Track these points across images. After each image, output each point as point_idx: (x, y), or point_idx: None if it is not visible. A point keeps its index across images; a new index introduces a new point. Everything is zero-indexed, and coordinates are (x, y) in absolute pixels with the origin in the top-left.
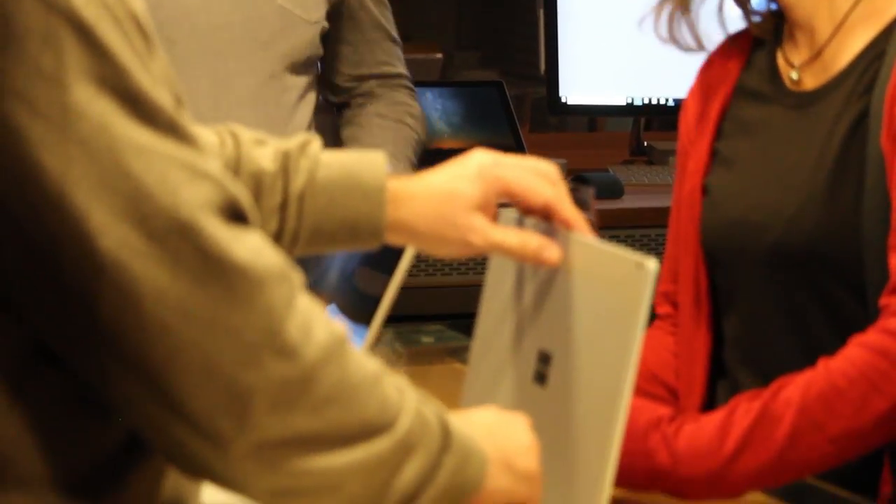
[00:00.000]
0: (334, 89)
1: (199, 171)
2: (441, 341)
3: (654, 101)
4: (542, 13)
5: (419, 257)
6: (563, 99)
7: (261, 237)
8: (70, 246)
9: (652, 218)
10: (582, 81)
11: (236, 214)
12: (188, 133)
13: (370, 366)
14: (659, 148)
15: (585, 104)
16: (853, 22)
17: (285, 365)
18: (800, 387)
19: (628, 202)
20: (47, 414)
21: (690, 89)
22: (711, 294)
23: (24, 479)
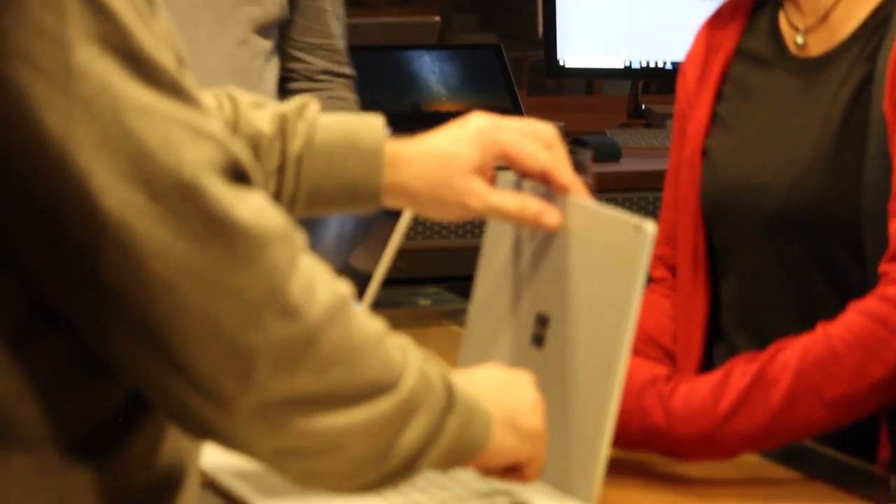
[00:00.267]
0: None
1: (202, 132)
2: (439, 304)
3: (652, 64)
4: None
5: (417, 220)
6: (561, 62)
7: (263, 197)
8: (73, 206)
9: (650, 181)
10: (580, 44)
11: (238, 175)
12: (190, 93)
13: (373, 326)
14: (657, 111)
15: (583, 67)
16: None
17: (288, 325)
18: (797, 351)
19: (626, 165)
20: (49, 374)
21: (689, 51)
22: (710, 257)
23: (26, 439)
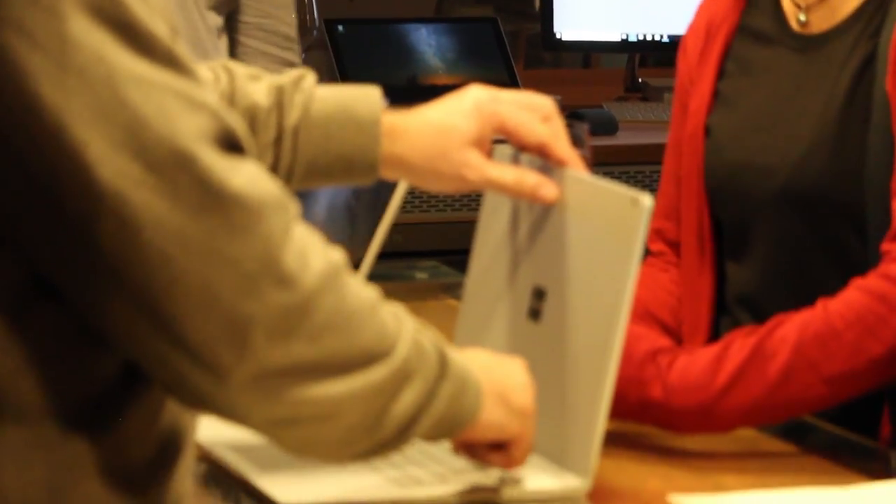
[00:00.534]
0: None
1: (196, 102)
2: (435, 277)
3: (649, 38)
4: None
5: (413, 193)
6: (558, 35)
7: (256, 166)
8: (69, 176)
9: (646, 154)
10: (577, 18)
11: (232, 144)
12: (185, 64)
13: (368, 293)
14: (653, 84)
15: (580, 40)
16: None
17: (284, 293)
18: (796, 325)
19: (623, 139)
20: (45, 347)
21: (690, 26)
22: (715, 234)
23: (22, 412)
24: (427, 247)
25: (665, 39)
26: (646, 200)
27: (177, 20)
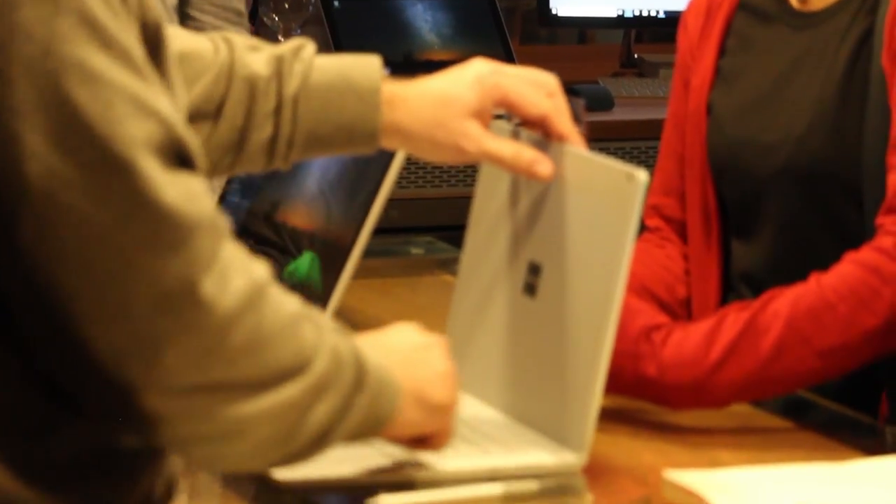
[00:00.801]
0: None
1: (148, 108)
2: (431, 253)
3: (645, 14)
4: None
5: (408, 168)
6: (554, 11)
7: (200, 183)
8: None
9: (642, 130)
10: None
11: (180, 157)
12: (143, 67)
13: (289, 308)
14: (649, 60)
15: (576, 16)
16: None
17: (200, 316)
18: (789, 299)
19: (619, 114)
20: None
21: (690, 3)
22: (721, 212)
23: None
24: (422, 222)
25: (661, 15)
26: (641, 176)
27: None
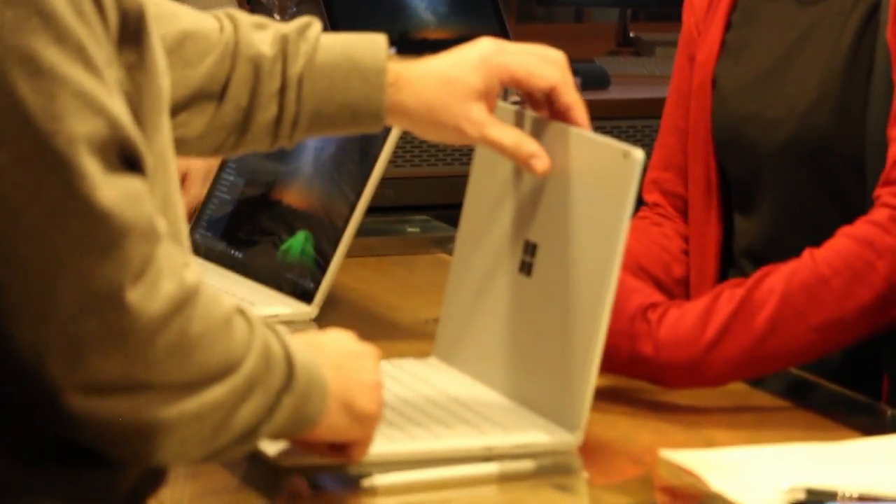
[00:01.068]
0: None
1: (95, 105)
2: (427, 232)
3: None
4: None
5: (403, 147)
6: None
7: (142, 187)
8: None
9: (638, 109)
10: None
11: (126, 159)
12: (98, 64)
13: (220, 311)
14: (645, 39)
15: None
16: None
17: (127, 319)
18: (784, 275)
19: (614, 93)
20: None
21: None
22: (722, 187)
23: None
24: (418, 201)
25: None
26: (638, 154)
27: None
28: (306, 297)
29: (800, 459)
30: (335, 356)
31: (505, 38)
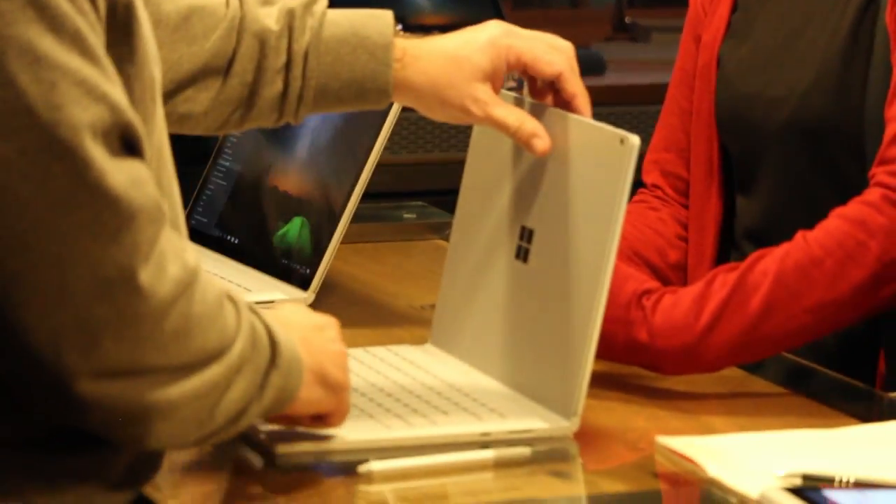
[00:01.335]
0: None
1: (96, 92)
2: (423, 218)
3: None
4: None
5: (400, 133)
6: None
7: (145, 171)
8: None
9: (634, 95)
10: None
11: (127, 143)
12: (94, 50)
13: (214, 292)
14: (642, 24)
15: None
16: None
17: (138, 303)
18: (777, 257)
19: (611, 79)
20: None
21: None
22: (724, 167)
23: None
24: (415, 187)
25: None
26: (634, 140)
27: None
28: (302, 284)
29: (796, 446)
30: (301, 330)
31: None
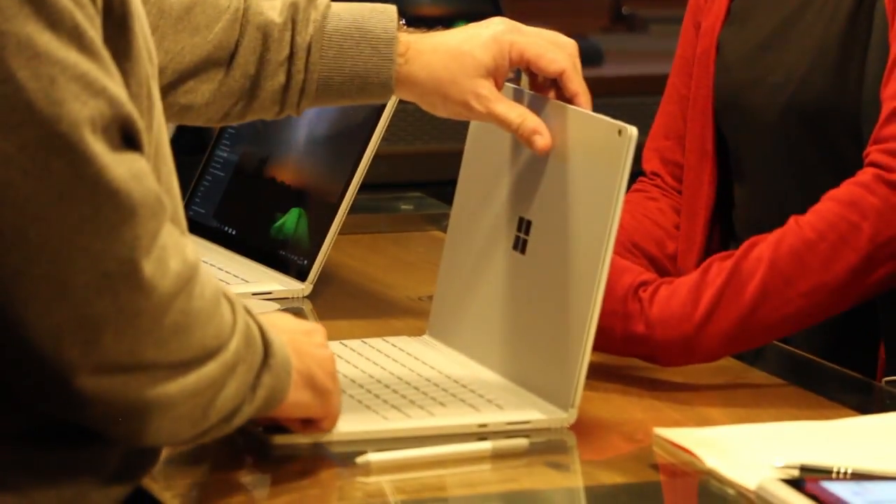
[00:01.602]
0: None
1: (96, 86)
2: (421, 209)
3: None
4: None
5: (397, 124)
6: None
7: (145, 164)
8: None
9: (632, 86)
10: None
11: (127, 137)
12: (92, 45)
13: (212, 289)
14: (639, 15)
15: None
16: None
17: (138, 299)
18: (771, 243)
19: (608, 70)
20: None
21: None
22: (717, 153)
23: None
24: (412, 178)
25: None
26: (632, 131)
27: None
28: (300, 275)
29: (794, 437)
30: (289, 333)
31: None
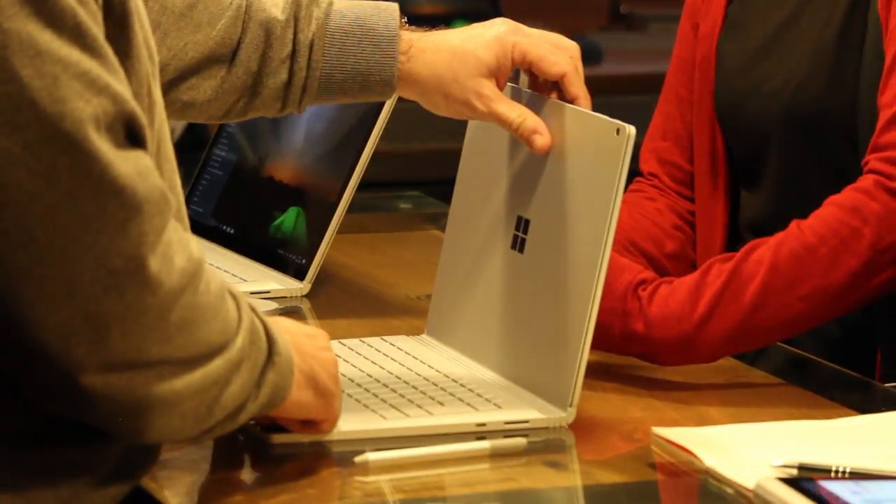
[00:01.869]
0: None
1: (98, 84)
2: (419, 208)
3: None
4: None
5: (395, 123)
6: None
7: (149, 161)
8: None
9: (630, 85)
10: None
11: (131, 134)
12: (95, 42)
13: (217, 285)
14: (638, 14)
15: None
16: None
17: (145, 295)
18: (771, 246)
19: (606, 69)
20: None
21: None
22: (729, 161)
23: None
24: (411, 177)
25: None
26: (630, 129)
27: None
28: (298, 274)
29: (793, 436)
30: (292, 334)
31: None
